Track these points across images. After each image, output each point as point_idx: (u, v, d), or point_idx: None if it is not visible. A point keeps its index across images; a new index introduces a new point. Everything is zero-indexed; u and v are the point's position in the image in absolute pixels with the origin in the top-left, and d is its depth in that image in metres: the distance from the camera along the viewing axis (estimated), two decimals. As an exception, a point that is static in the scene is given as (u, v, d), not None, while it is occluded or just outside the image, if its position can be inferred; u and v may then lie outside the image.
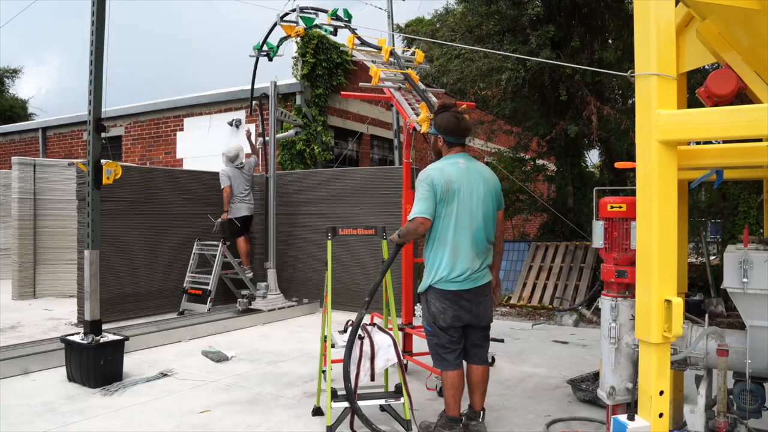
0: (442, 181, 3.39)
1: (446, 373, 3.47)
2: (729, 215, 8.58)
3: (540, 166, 11.79)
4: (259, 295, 7.62)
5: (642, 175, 2.45)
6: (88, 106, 4.80)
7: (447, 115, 3.59)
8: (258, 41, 7.73)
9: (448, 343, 3.47)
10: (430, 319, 3.49)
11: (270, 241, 7.96)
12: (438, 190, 3.37)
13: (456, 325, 3.46)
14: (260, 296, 7.61)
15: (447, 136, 3.57)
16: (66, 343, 4.79)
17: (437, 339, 3.49)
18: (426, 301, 3.53)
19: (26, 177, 8.85)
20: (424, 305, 3.57)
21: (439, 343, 3.48)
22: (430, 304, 3.48)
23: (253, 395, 4.41)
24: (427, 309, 3.52)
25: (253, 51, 7.79)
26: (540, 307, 8.43)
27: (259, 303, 7.51)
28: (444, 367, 3.48)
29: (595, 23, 9.55)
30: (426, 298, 3.52)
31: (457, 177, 3.43)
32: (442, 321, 3.44)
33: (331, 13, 6.43)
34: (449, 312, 3.42)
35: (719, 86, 2.67)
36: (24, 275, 8.85)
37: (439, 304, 3.44)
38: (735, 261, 2.73)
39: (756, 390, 2.82)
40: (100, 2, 4.80)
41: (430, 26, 19.25)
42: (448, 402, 3.48)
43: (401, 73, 5.03)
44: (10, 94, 26.10)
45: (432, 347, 3.55)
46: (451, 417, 3.47)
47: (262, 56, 7.78)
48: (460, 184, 3.42)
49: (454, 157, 3.55)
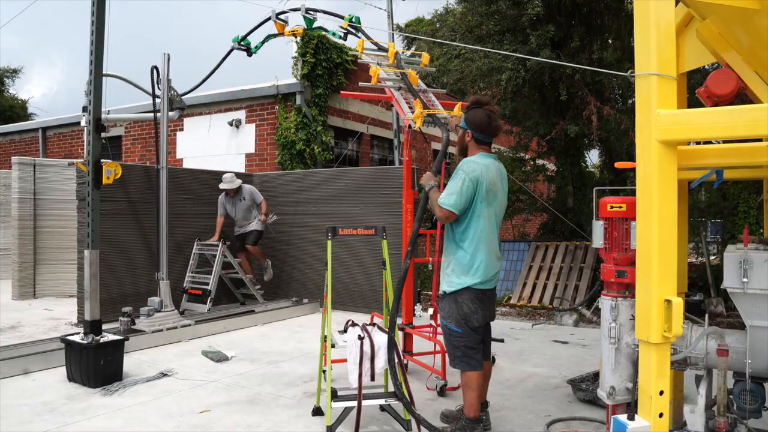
0: (487, 180, 3.39)
1: (472, 374, 3.43)
2: (729, 215, 8.58)
3: (540, 166, 11.79)
4: (143, 313, 6.21)
5: (642, 175, 2.44)
6: (88, 106, 4.81)
7: (480, 112, 3.53)
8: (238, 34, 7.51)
9: (475, 344, 3.47)
10: (461, 321, 3.41)
11: (162, 248, 6.59)
12: (482, 189, 3.37)
13: (483, 324, 3.51)
14: (144, 314, 6.20)
15: (477, 133, 3.54)
16: (66, 343, 4.79)
17: (467, 340, 3.43)
18: (455, 302, 3.43)
19: (26, 177, 8.85)
20: (451, 306, 3.45)
21: (469, 344, 3.44)
22: (462, 305, 3.41)
23: (253, 395, 4.41)
24: (457, 310, 3.42)
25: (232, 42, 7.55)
26: (540, 307, 8.43)
27: (142, 323, 6.11)
28: (472, 368, 3.44)
29: (595, 23, 9.55)
30: (456, 299, 3.43)
31: (497, 178, 3.48)
32: (475, 321, 3.42)
33: (348, 18, 6.46)
34: (480, 312, 3.43)
35: (719, 86, 2.67)
36: (24, 275, 8.85)
37: (472, 304, 3.40)
38: (735, 261, 2.73)
39: (756, 390, 2.82)
40: (100, 2, 4.80)
41: (430, 26, 19.26)
42: (473, 403, 3.42)
43: (400, 73, 5.04)
44: (10, 93, 26.10)
45: (459, 349, 3.45)
46: (474, 418, 3.43)
47: (240, 49, 7.60)
48: (499, 187, 3.49)
49: (490, 157, 3.54)
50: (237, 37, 7.49)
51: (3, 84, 25.75)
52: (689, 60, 3.07)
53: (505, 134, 12.05)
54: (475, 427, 3.43)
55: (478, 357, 3.46)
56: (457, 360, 3.48)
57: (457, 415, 3.66)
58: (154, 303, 6.33)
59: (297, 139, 10.36)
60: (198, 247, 7.98)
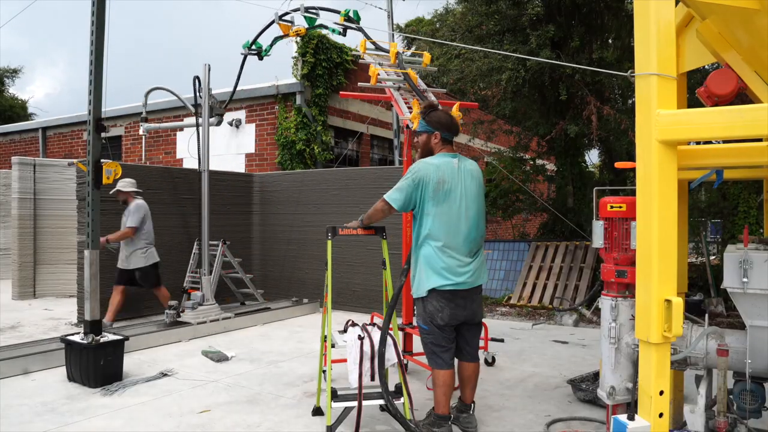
0: (434, 178, 3.43)
1: (440, 371, 3.49)
2: (729, 215, 8.58)
3: (540, 166, 11.80)
4: (188, 306, 6.72)
5: (642, 175, 2.45)
6: (88, 106, 4.81)
7: (440, 112, 3.68)
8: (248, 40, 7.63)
9: (444, 342, 3.50)
10: (427, 318, 3.50)
11: (204, 244, 7.04)
12: (427, 188, 3.43)
13: (452, 324, 3.50)
14: (189, 307, 6.70)
15: (444, 132, 3.62)
16: (66, 342, 4.79)
17: (433, 338, 3.50)
18: (422, 300, 3.53)
19: (26, 177, 8.85)
20: (419, 304, 3.57)
21: (435, 342, 3.50)
22: (427, 303, 3.49)
23: (253, 395, 4.41)
24: (423, 308, 3.53)
25: (242, 49, 7.69)
26: (540, 307, 8.43)
27: (188, 315, 6.62)
28: (439, 366, 3.49)
29: (595, 23, 9.55)
30: (423, 297, 3.53)
31: (450, 177, 3.48)
32: (440, 319, 3.45)
33: (344, 14, 6.44)
34: (446, 310, 3.45)
35: (719, 86, 2.67)
36: (24, 275, 8.85)
37: (436, 303, 3.45)
38: (735, 261, 2.73)
39: (756, 390, 2.82)
40: (100, 3, 4.80)
41: (430, 26, 19.25)
42: (439, 400, 3.50)
43: (401, 73, 5.04)
44: (10, 93, 26.11)
45: (428, 346, 3.55)
46: (441, 415, 3.50)
47: (251, 54, 7.70)
48: (453, 184, 3.47)
49: (447, 156, 3.59)
50: (247, 42, 7.58)
51: (3, 84, 25.75)
52: (689, 60, 3.07)
53: (505, 134, 12.05)
54: (443, 423, 3.48)
55: (446, 356, 3.50)
56: (427, 357, 3.59)
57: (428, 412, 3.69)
58: (197, 297, 6.83)
59: (297, 139, 10.36)
60: (198, 247, 7.97)
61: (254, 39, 7.54)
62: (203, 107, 7.14)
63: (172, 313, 6.50)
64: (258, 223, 9.16)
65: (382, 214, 3.59)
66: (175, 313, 6.55)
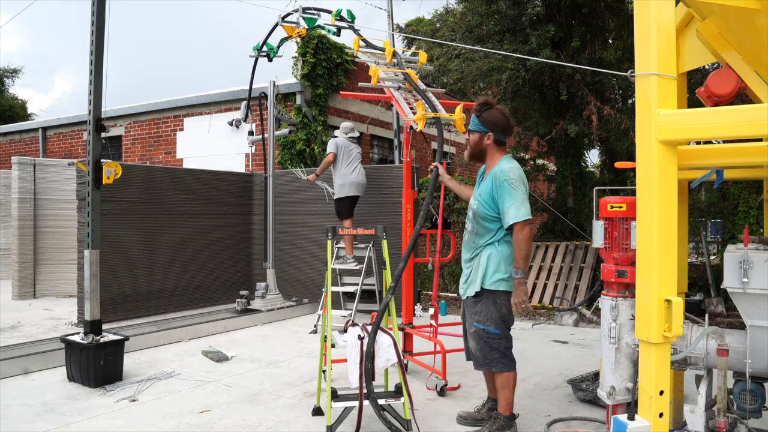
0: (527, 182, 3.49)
1: (512, 373, 3.47)
2: (729, 215, 8.58)
3: (540, 166, 11.79)
4: (258, 295, 7.64)
5: (642, 175, 2.45)
6: (88, 106, 4.81)
7: (496, 112, 3.50)
8: (258, 42, 7.76)
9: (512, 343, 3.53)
10: (500, 322, 3.44)
11: (268, 241, 7.95)
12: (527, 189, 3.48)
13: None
14: (259, 296, 7.63)
15: (499, 134, 3.51)
16: (66, 342, 4.79)
17: (506, 341, 3.47)
18: (494, 303, 3.43)
19: (26, 177, 8.85)
20: (488, 308, 3.43)
21: (508, 345, 3.49)
22: (502, 306, 3.43)
23: (253, 395, 4.41)
24: (496, 311, 3.42)
25: (252, 51, 7.82)
26: (540, 307, 8.43)
27: (257, 303, 7.55)
28: (511, 368, 3.47)
29: (595, 23, 9.55)
30: (494, 300, 3.44)
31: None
32: (511, 321, 3.49)
33: (335, 14, 6.44)
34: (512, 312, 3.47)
35: (719, 86, 2.67)
36: (24, 275, 8.85)
37: (509, 304, 3.43)
38: (735, 261, 2.73)
39: (756, 390, 2.83)
40: (100, 3, 4.80)
41: (430, 26, 19.27)
42: (510, 401, 3.46)
43: (401, 73, 5.04)
44: (10, 93, 26.12)
45: (499, 351, 3.45)
46: (510, 416, 3.48)
47: (261, 57, 7.81)
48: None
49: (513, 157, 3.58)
50: (257, 45, 7.66)
51: (3, 84, 25.76)
52: (689, 60, 3.07)
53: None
54: (512, 424, 3.49)
55: (513, 355, 3.52)
56: (496, 362, 3.45)
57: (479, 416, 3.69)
58: (262, 287, 7.70)
59: (297, 139, 10.35)
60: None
61: (264, 41, 7.62)
62: (269, 117, 8.16)
63: (243, 301, 7.46)
64: (258, 222, 9.15)
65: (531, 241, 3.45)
66: (246, 301, 7.47)
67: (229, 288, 8.52)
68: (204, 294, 8.25)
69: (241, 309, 7.44)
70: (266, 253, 7.99)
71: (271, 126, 8.12)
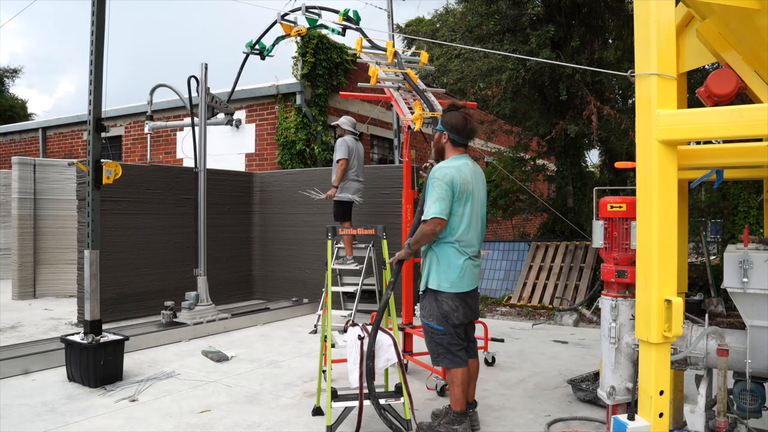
0: (460, 180, 3.43)
1: (458, 370, 3.49)
2: (729, 215, 8.58)
3: (540, 166, 11.80)
4: (185, 306, 6.63)
5: (642, 175, 2.45)
6: (88, 106, 4.81)
7: (456, 114, 3.60)
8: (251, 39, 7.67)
9: (459, 340, 3.53)
10: (442, 318, 3.48)
11: (200, 243, 6.90)
12: (456, 190, 3.41)
13: (465, 323, 3.54)
14: (186, 308, 6.62)
15: (454, 135, 3.59)
16: (66, 342, 4.79)
17: (449, 338, 3.50)
18: (435, 300, 3.50)
19: (26, 177, 8.85)
20: (431, 304, 3.52)
21: (452, 341, 3.50)
22: (442, 303, 3.48)
23: (253, 395, 4.41)
24: (437, 308, 3.49)
25: (245, 48, 7.72)
26: (540, 307, 8.43)
27: (184, 315, 6.56)
28: (457, 364, 3.50)
29: (595, 23, 9.55)
30: (436, 297, 3.51)
31: (471, 178, 3.51)
32: (456, 319, 3.47)
33: (342, 13, 6.43)
34: (461, 310, 3.48)
35: (719, 86, 2.67)
36: (24, 275, 8.85)
37: (452, 302, 3.46)
38: (735, 261, 2.73)
39: (756, 390, 2.83)
40: (100, 4, 4.80)
41: (430, 26, 19.27)
42: (459, 398, 3.50)
43: (401, 73, 5.04)
44: (10, 93, 26.12)
45: (443, 346, 3.51)
46: (460, 412, 3.52)
47: (254, 54, 7.72)
48: (474, 186, 3.52)
49: (463, 158, 3.59)
50: (250, 42, 7.60)
51: (3, 84, 25.76)
52: (689, 60, 3.07)
53: (505, 134, 12.06)
54: (462, 420, 3.51)
55: (462, 354, 3.53)
56: (441, 357, 3.54)
57: (445, 412, 3.68)
58: (191, 297, 6.67)
59: (297, 139, 10.36)
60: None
61: (258, 39, 7.57)
62: (200, 106, 7.07)
63: (168, 314, 6.47)
64: (258, 222, 9.15)
65: (433, 236, 3.45)
66: (172, 313, 6.50)
67: (229, 288, 8.51)
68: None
69: (166, 322, 6.44)
70: (198, 257, 6.91)
71: (202, 114, 7.08)
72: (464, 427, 3.50)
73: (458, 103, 3.72)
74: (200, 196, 6.93)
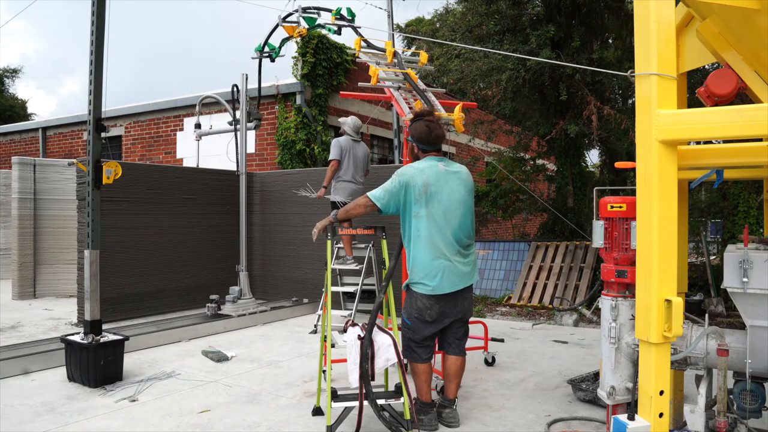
0: (419, 182, 3.53)
1: (417, 365, 3.62)
2: (729, 215, 8.58)
3: (540, 166, 11.80)
4: (230, 299, 7.24)
5: (642, 175, 2.45)
6: (88, 106, 4.81)
7: (419, 124, 3.72)
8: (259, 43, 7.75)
9: (420, 339, 3.61)
10: (413, 313, 3.58)
11: (241, 241, 7.63)
12: (410, 191, 3.53)
13: (440, 321, 3.60)
14: (230, 301, 7.23)
15: (420, 144, 3.72)
16: (66, 342, 4.79)
17: (412, 333, 3.61)
18: (411, 297, 3.61)
19: (26, 177, 8.85)
20: (408, 299, 3.63)
21: (413, 338, 3.61)
22: (416, 299, 3.57)
23: (253, 395, 4.41)
24: (413, 304, 3.60)
25: (254, 53, 7.80)
26: (540, 307, 8.43)
27: (228, 308, 7.18)
28: (413, 359, 3.63)
29: (595, 23, 9.56)
30: (412, 294, 3.61)
31: (435, 180, 3.57)
32: (428, 317, 3.55)
33: (334, 13, 6.43)
34: (435, 308, 3.55)
35: (719, 86, 2.67)
36: (24, 275, 8.85)
37: (426, 300, 3.54)
38: (735, 261, 2.73)
39: (756, 390, 2.83)
40: (100, 4, 4.80)
41: (430, 26, 19.27)
42: (420, 388, 3.64)
43: (401, 73, 5.04)
44: (10, 93, 26.12)
45: (405, 340, 3.66)
46: (425, 402, 3.63)
47: (264, 57, 7.80)
48: (439, 187, 3.56)
49: (433, 159, 3.68)
50: (259, 46, 7.65)
51: (3, 84, 25.76)
52: (689, 60, 3.07)
53: (505, 134, 12.06)
54: (428, 410, 3.62)
55: (419, 351, 3.63)
56: (404, 350, 3.65)
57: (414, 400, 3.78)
58: (235, 291, 7.31)
59: (297, 139, 10.36)
60: None
61: (265, 41, 7.62)
62: (241, 112, 7.62)
63: (213, 306, 7.07)
64: (258, 222, 9.15)
65: (362, 210, 3.65)
66: (216, 306, 7.09)
67: (229, 288, 8.49)
68: (204, 294, 8.23)
69: (212, 314, 7.06)
70: (240, 255, 7.62)
71: (243, 119, 7.64)
72: (429, 418, 3.60)
73: (423, 110, 3.90)
74: (241, 196, 7.68)
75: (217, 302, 7.15)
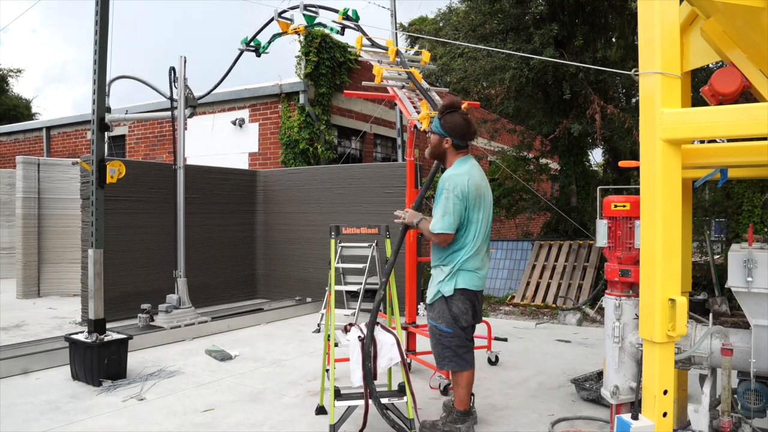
0: (473, 188, 3.38)
1: (465, 372, 3.49)
2: (733, 214, 8.56)
3: (543, 165, 11.79)
4: (163, 309, 6.33)
5: (646, 174, 2.44)
6: (92, 106, 4.82)
7: (457, 117, 3.49)
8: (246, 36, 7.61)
9: (467, 343, 3.52)
10: (451, 321, 3.45)
11: (179, 244, 6.60)
12: (470, 198, 3.36)
13: (473, 324, 3.54)
14: (163, 311, 6.32)
15: (457, 139, 3.50)
16: (70, 341, 4.80)
17: (458, 340, 3.47)
18: (446, 303, 3.46)
19: (30, 176, 8.89)
20: (441, 306, 3.48)
21: (460, 344, 3.48)
22: (453, 306, 3.44)
23: (257, 394, 4.42)
24: (447, 310, 3.45)
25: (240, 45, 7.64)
26: (543, 306, 8.42)
27: (161, 319, 6.29)
28: (463, 367, 3.49)
29: (599, 21, 9.54)
30: (446, 300, 3.46)
31: (481, 181, 3.47)
32: (464, 321, 3.46)
33: (342, 12, 6.42)
34: (470, 312, 3.47)
35: (723, 85, 2.67)
36: (28, 274, 8.88)
37: (462, 305, 3.44)
38: (739, 260, 2.72)
39: (760, 389, 2.82)
40: (104, 3, 4.81)
41: (433, 25, 19.26)
42: (463, 399, 3.50)
43: (405, 72, 5.04)
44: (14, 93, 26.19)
45: (450, 349, 3.48)
46: (464, 411, 3.52)
47: (249, 51, 7.65)
48: (485, 189, 3.49)
49: (469, 160, 3.54)
50: (246, 38, 7.54)
51: (6, 83, 25.83)
52: (693, 58, 3.06)
53: (509, 133, 12.04)
54: (466, 419, 3.51)
55: (469, 356, 3.53)
56: (448, 360, 3.51)
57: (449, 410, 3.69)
58: (173, 300, 6.41)
59: (300, 138, 10.37)
60: None
61: (254, 36, 7.51)
62: (179, 99, 6.73)
63: (144, 317, 6.21)
64: (262, 221, 9.16)
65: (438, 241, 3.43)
66: (149, 317, 6.26)
67: (231, 287, 8.53)
68: (206, 293, 8.25)
69: (143, 326, 6.17)
70: (178, 259, 6.56)
71: (181, 107, 6.73)
72: (467, 426, 3.50)
73: (455, 101, 3.57)
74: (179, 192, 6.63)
75: (149, 312, 6.23)
